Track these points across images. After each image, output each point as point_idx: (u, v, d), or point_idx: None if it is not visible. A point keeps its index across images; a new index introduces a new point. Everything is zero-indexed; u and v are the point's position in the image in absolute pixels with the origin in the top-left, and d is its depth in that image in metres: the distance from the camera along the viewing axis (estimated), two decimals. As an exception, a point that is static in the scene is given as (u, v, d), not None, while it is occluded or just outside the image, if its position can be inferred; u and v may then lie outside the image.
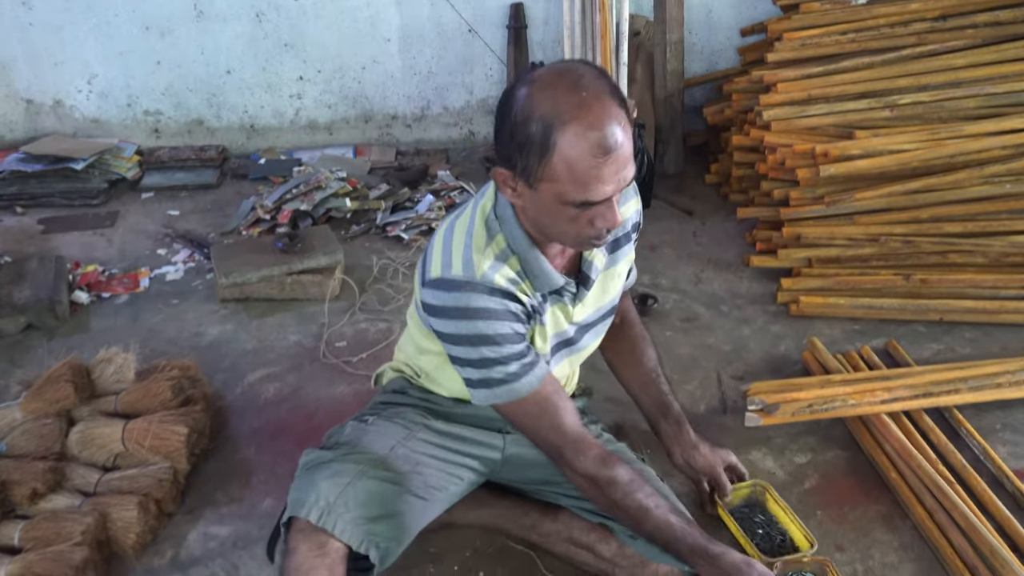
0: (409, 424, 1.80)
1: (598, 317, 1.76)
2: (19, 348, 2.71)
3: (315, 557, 1.50)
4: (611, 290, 1.75)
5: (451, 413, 1.86)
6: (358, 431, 1.76)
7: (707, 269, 3.11)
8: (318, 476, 1.59)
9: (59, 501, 2.01)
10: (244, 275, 2.84)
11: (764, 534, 1.94)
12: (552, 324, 1.68)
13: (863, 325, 2.77)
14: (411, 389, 1.89)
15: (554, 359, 1.73)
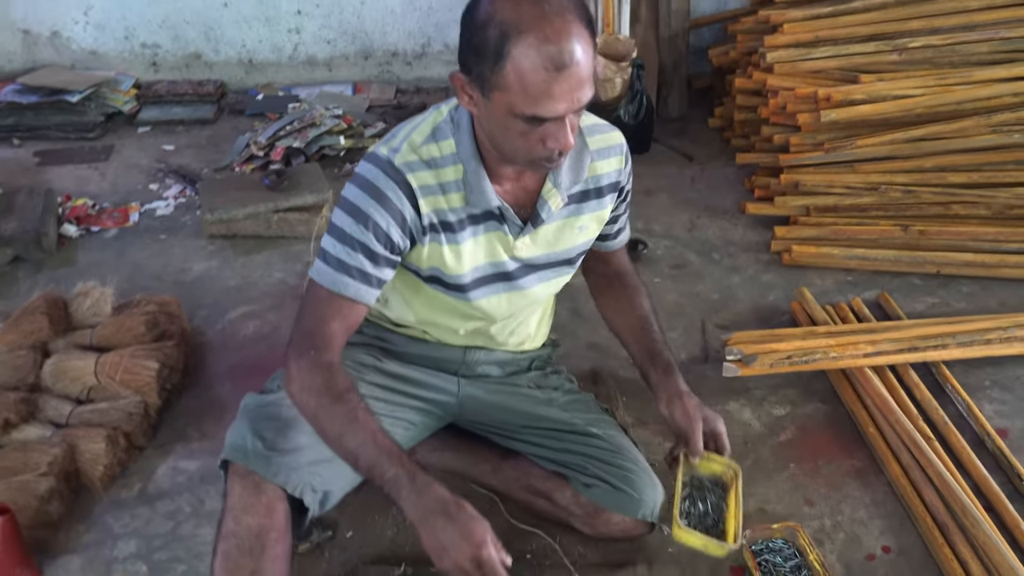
0: (358, 366, 1.77)
1: (547, 263, 1.69)
2: (5, 280, 2.71)
3: (251, 496, 1.48)
4: (567, 240, 1.68)
5: (404, 353, 1.83)
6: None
7: (702, 216, 3.05)
8: (255, 422, 1.56)
9: (31, 432, 2.02)
10: (230, 212, 2.82)
11: (702, 511, 1.76)
12: (484, 252, 1.61)
13: (857, 276, 2.71)
14: (365, 327, 1.87)
15: (484, 291, 1.66)
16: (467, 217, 1.57)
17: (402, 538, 1.86)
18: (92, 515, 1.93)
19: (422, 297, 1.70)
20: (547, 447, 1.81)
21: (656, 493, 1.74)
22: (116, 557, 1.83)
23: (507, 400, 1.86)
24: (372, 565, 1.78)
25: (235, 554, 1.46)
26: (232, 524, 1.48)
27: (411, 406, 1.79)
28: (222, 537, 1.48)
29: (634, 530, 1.77)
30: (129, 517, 1.92)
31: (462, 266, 1.61)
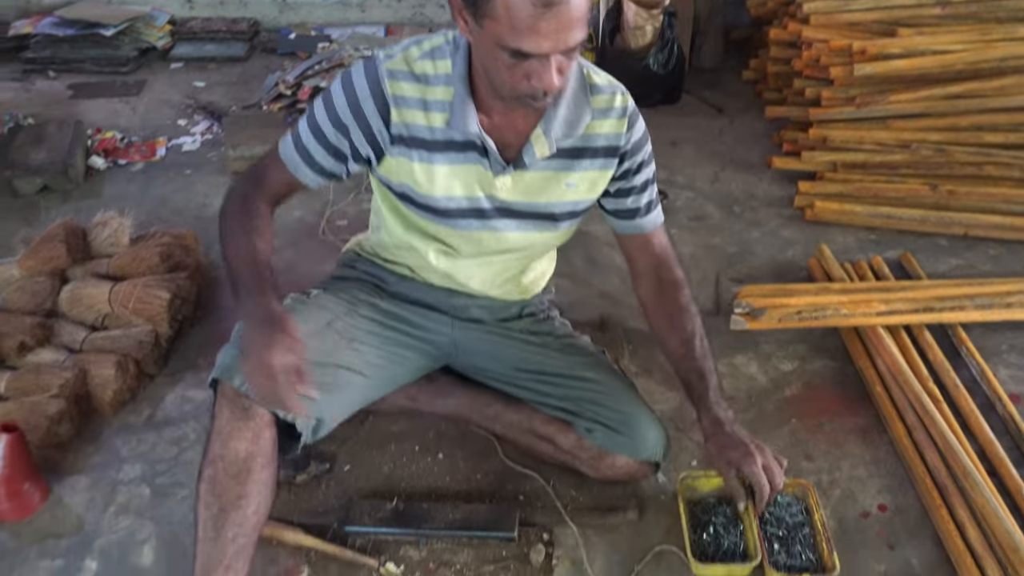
0: (353, 299, 1.79)
1: (527, 212, 1.67)
2: (33, 209, 2.78)
3: (239, 421, 1.50)
4: (552, 194, 1.65)
5: (397, 292, 1.85)
6: (296, 303, 1.76)
7: (727, 168, 3.00)
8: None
9: (46, 356, 2.08)
10: (252, 149, 2.83)
11: (714, 535, 1.74)
12: (462, 183, 1.61)
13: (880, 235, 2.65)
14: (359, 262, 1.89)
15: (457, 222, 1.66)
16: (447, 141, 1.56)
17: (398, 474, 1.89)
18: (101, 438, 1.98)
19: (399, 217, 1.73)
20: (544, 393, 1.82)
21: (657, 433, 1.74)
22: (121, 479, 1.89)
23: (500, 345, 1.87)
24: (366, 499, 1.81)
25: (221, 478, 1.48)
26: (219, 448, 1.49)
27: (405, 343, 1.81)
28: (208, 461, 1.50)
29: (639, 471, 1.78)
30: (136, 441, 1.98)
31: (434, 188, 1.61)
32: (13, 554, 1.73)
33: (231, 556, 1.45)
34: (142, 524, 1.79)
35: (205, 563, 1.45)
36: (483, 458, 1.93)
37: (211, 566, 1.44)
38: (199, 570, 1.45)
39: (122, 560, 1.72)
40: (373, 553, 1.72)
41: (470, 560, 1.72)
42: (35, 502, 1.81)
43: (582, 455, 1.79)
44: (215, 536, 1.46)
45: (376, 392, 1.78)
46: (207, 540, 1.46)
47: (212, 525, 1.46)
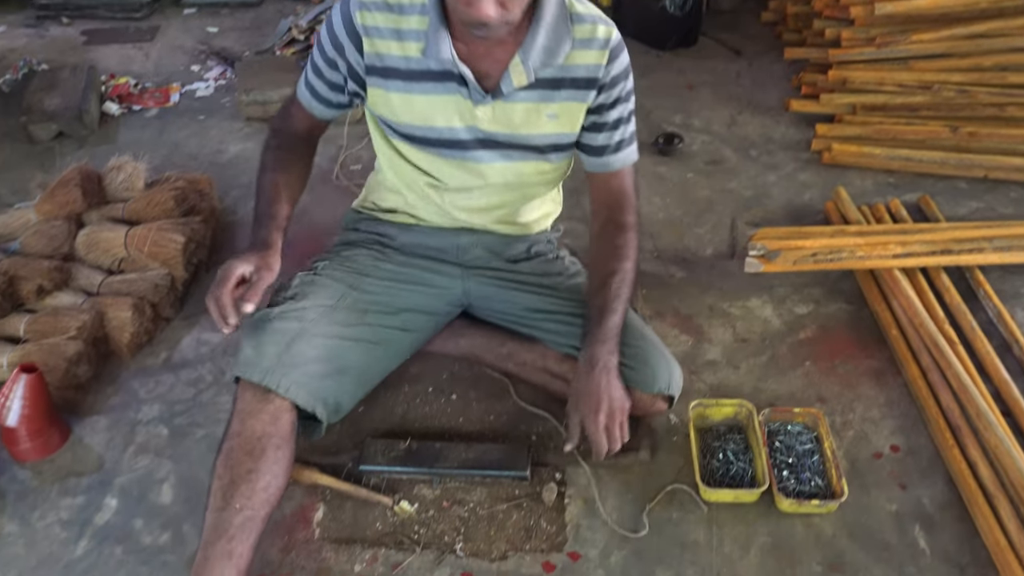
0: (361, 268, 1.82)
1: (510, 143, 1.67)
2: (49, 155, 2.79)
3: (258, 403, 1.55)
4: (534, 126, 1.65)
5: (402, 245, 1.87)
6: (305, 283, 1.77)
7: (744, 112, 2.96)
8: (262, 335, 1.62)
9: (64, 299, 2.10)
10: (265, 93, 2.83)
11: (724, 461, 1.79)
12: (442, 113, 1.62)
13: (898, 178, 2.62)
14: (361, 222, 1.92)
15: (439, 151, 1.69)
16: (424, 71, 1.57)
17: (411, 415, 1.91)
18: (119, 380, 2.01)
19: (392, 150, 1.77)
20: (556, 332, 1.83)
21: (669, 366, 1.74)
22: (140, 420, 1.92)
23: (511, 288, 1.88)
24: (379, 439, 1.83)
25: (237, 453, 1.51)
26: (238, 426, 1.54)
27: (417, 302, 1.84)
28: (227, 437, 1.55)
29: (652, 405, 1.77)
30: (154, 383, 2.00)
31: (414, 118, 1.63)
32: (35, 492, 1.77)
33: (236, 527, 1.47)
34: (160, 463, 1.82)
35: (211, 533, 1.47)
36: (496, 399, 1.94)
37: (216, 535, 1.46)
38: (204, 538, 1.48)
39: (141, 498, 1.75)
40: (387, 492, 1.75)
41: (483, 498, 1.74)
42: (56, 442, 1.84)
43: None
44: (223, 506, 1.48)
45: (393, 362, 1.82)
46: (215, 509, 1.49)
47: (221, 496, 1.49)
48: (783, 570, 1.61)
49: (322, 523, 1.70)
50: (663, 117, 2.91)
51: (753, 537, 1.67)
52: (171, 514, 1.72)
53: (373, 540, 1.67)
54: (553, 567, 1.62)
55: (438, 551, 1.65)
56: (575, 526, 1.69)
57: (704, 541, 1.66)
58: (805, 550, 1.64)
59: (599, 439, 1.62)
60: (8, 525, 1.71)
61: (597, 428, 1.62)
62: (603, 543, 1.66)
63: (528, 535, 1.68)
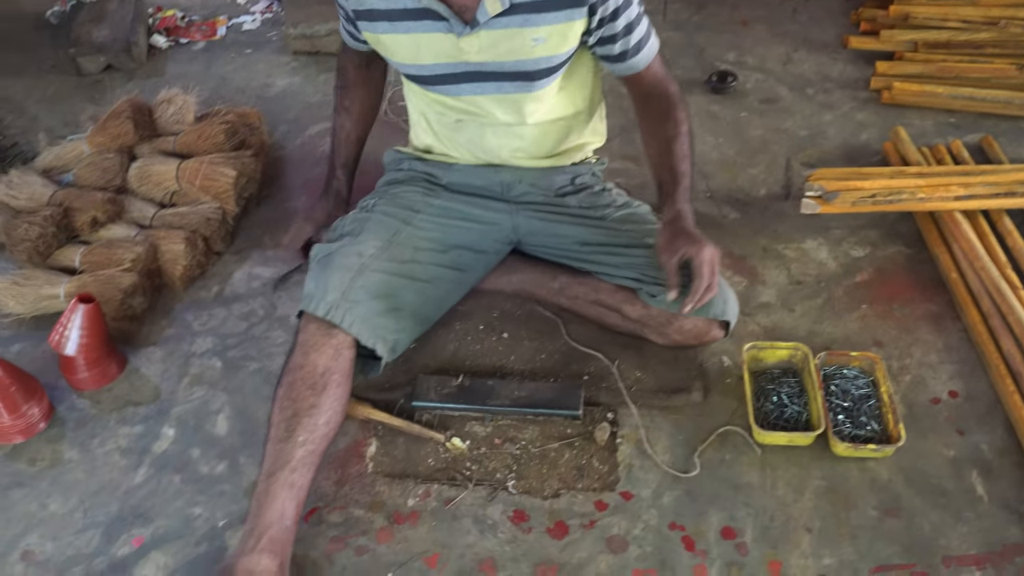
0: (411, 204, 1.83)
1: (499, 72, 1.65)
2: (98, 87, 2.78)
3: (322, 337, 1.58)
4: (520, 52, 1.61)
5: (450, 183, 1.87)
6: (359, 221, 1.79)
7: (800, 49, 2.87)
8: (325, 271, 1.65)
9: (117, 231, 2.11)
10: (312, 27, 2.79)
11: (778, 404, 1.78)
12: (430, 50, 1.63)
13: (960, 118, 2.53)
14: (405, 162, 1.92)
15: (440, 88, 1.71)
16: (403, 10, 1.58)
17: (462, 352, 1.91)
18: (172, 312, 2.03)
19: (408, 89, 1.86)
20: (609, 264, 1.82)
21: (724, 292, 1.74)
22: (194, 352, 1.94)
23: (560, 221, 1.87)
24: (432, 375, 1.83)
25: (299, 386, 1.54)
26: (300, 358, 1.56)
27: (468, 239, 1.84)
28: (288, 369, 1.57)
29: (707, 333, 1.77)
30: (207, 316, 2.02)
31: (404, 56, 1.66)
32: (94, 420, 1.80)
33: (298, 460, 1.49)
34: (215, 395, 1.84)
35: (273, 463, 1.49)
36: (547, 338, 1.94)
37: (278, 466, 1.48)
38: (266, 468, 1.50)
39: (198, 428, 1.78)
40: (439, 428, 1.76)
41: (535, 436, 1.75)
42: (113, 372, 1.87)
43: (650, 322, 1.80)
44: (286, 437, 1.50)
45: (445, 303, 1.84)
46: (277, 440, 1.51)
47: (284, 427, 1.51)
48: (838, 513, 1.60)
49: (375, 458, 1.72)
50: (716, 54, 2.83)
51: (807, 480, 1.66)
52: (227, 445, 1.75)
53: (425, 475, 1.69)
54: (605, 506, 1.63)
55: (490, 487, 1.66)
56: (627, 466, 1.69)
57: (757, 483, 1.66)
58: (860, 494, 1.63)
59: (704, 271, 1.61)
60: (69, 451, 1.75)
61: (702, 261, 1.61)
62: (655, 483, 1.66)
63: (580, 474, 1.69)
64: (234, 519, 1.61)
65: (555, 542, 1.58)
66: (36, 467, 1.72)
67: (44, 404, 1.78)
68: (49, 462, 1.73)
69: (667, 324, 1.77)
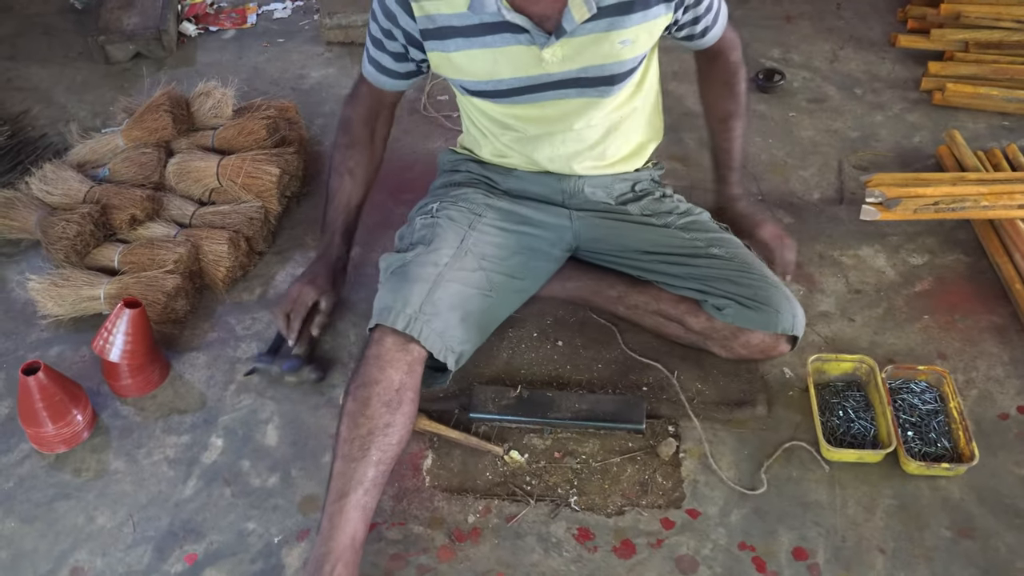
0: (473, 207, 1.77)
1: (578, 78, 1.59)
2: (128, 76, 2.71)
3: (398, 351, 1.52)
4: (605, 55, 1.56)
5: (509, 190, 1.83)
6: (428, 227, 1.73)
7: (846, 46, 2.81)
8: (404, 283, 1.59)
9: (156, 229, 2.05)
10: (349, 17, 2.71)
11: (845, 419, 1.74)
12: (508, 64, 1.56)
13: (1014, 122, 2.48)
14: (462, 164, 1.86)
15: (522, 99, 1.63)
16: (479, 25, 1.51)
17: (517, 361, 1.86)
18: (215, 315, 1.97)
19: (472, 108, 1.76)
20: (672, 274, 1.76)
21: (793, 305, 1.69)
22: (239, 357, 1.88)
23: (621, 229, 1.81)
24: (488, 385, 1.78)
25: (375, 403, 1.48)
26: (376, 373, 1.50)
27: (530, 245, 1.79)
28: (362, 383, 1.50)
29: (774, 348, 1.72)
30: (250, 320, 1.96)
31: (478, 73, 1.58)
32: (140, 428, 1.75)
33: (371, 480, 1.44)
34: (263, 403, 1.79)
35: (345, 483, 1.43)
36: (603, 347, 1.89)
37: (351, 487, 1.43)
38: (337, 488, 1.44)
39: (247, 438, 1.72)
40: (496, 440, 1.70)
41: (596, 450, 1.70)
42: (157, 378, 1.82)
43: (714, 335, 1.75)
44: (360, 456, 1.45)
45: (505, 311, 1.78)
46: (349, 459, 1.45)
47: (358, 446, 1.45)
48: (911, 534, 1.56)
49: (431, 471, 1.67)
50: (760, 51, 2.76)
51: (877, 499, 1.61)
52: (278, 456, 1.69)
53: (484, 490, 1.64)
54: (672, 524, 1.58)
55: (552, 503, 1.61)
56: (691, 482, 1.64)
57: (827, 501, 1.61)
58: (932, 513, 1.59)
59: (776, 244, 1.84)
60: (115, 462, 1.69)
61: (770, 235, 1.85)
62: (722, 500, 1.61)
63: (644, 490, 1.64)
64: (289, 535, 1.56)
65: (622, 562, 1.53)
66: (82, 478, 1.67)
67: (88, 412, 1.72)
68: (95, 473, 1.68)
69: (733, 338, 1.72)
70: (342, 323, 1.94)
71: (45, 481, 1.66)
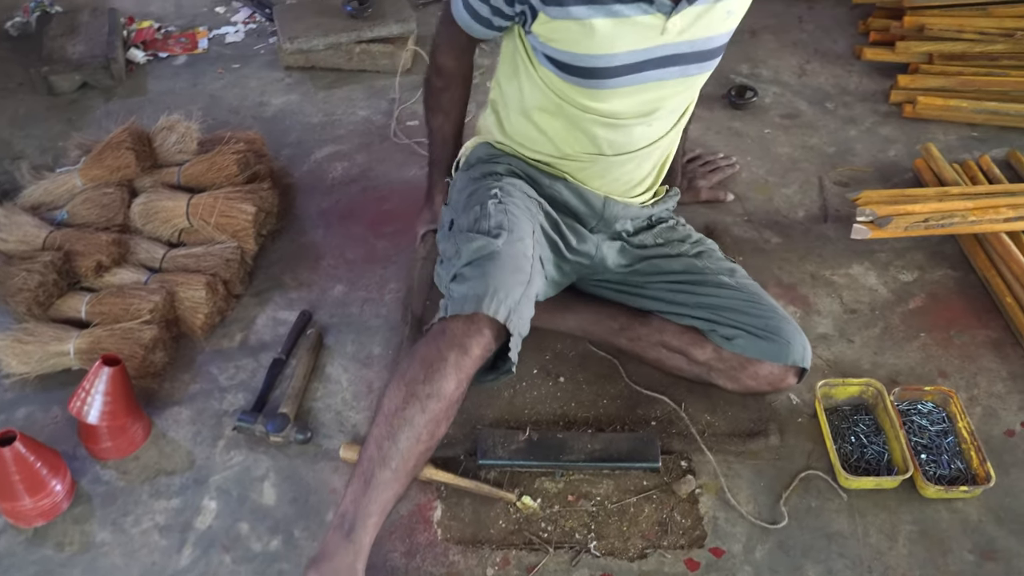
0: (530, 199, 1.66)
1: (690, 51, 1.52)
2: (76, 108, 2.56)
3: (475, 363, 1.42)
4: (714, 26, 1.50)
5: (549, 196, 1.72)
6: (505, 211, 1.58)
7: (812, 60, 2.82)
8: (498, 270, 1.46)
9: (125, 276, 1.92)
10: (310, 41, 2.61)
11: (857, 444, 1.72)
12: (631, 35, 1.45)
13: (983, 132, 2.51)
14: (502, 157, 1.74)
15: (622, 80, 1.51)
16: None
17: (520, 400, 1.79)
18: (195, 365, 1.86)
19: (546, 98, 1.61)
20: (680, 302, 1.71)
21: (803, 338, 1.65)
22: (225, 410, 1.77)
23: (636, 258, 1.76)
24: (495, 428, 1.71)
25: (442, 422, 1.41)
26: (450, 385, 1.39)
27: (562, 255, 1.71)
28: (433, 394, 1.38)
29: (783, 380, 1.67)
30: (234, 368, 1.85)
31: (595, 46, 1.47)
32: (124, 493, 1.63)
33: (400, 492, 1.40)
34: (256, 459, 1.69)
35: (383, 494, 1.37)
36: (607, 381, 1.83)
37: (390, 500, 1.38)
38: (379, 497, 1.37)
39: (243, 499, 1.62)
40: (507, 487, 1.63)
41: (610, 491, 1.64)
42: (139, 437, 1.70)
43: (720, 366, 1.69)
44: (412, 471, 1.40)
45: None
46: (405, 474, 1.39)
47: (413, 464, 1.40)
48: (935, 560, 1.54)
49: (442, 523, 1.59)
50: (729, 66, 2.75)
51: (899, 525, 1.59)
52: (278, 516, 1.59)
53: (499, 540, 1.57)
54: (697, 565, 1.53)
55: (572, 550, 1.55)
56: (711, 519, 1.60)
57: (848, 531, 1.58)
58: (953, 537, 1.57)
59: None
60: (100, 532, 1.57)
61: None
62: (744, 537, 1.57)
63: (664, 530, 1.59)
64: (300, 603, 1.47)
65: (652, 609, 1.47)
66: (65, 552, 1.54)
67: (67, 479, 1.60)
68: (79, 546, 1.55)
69: (740, 369, 1.68)
70: (332, 368, 1.85)
71: (25, 559, 1.53)
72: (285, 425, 1.69)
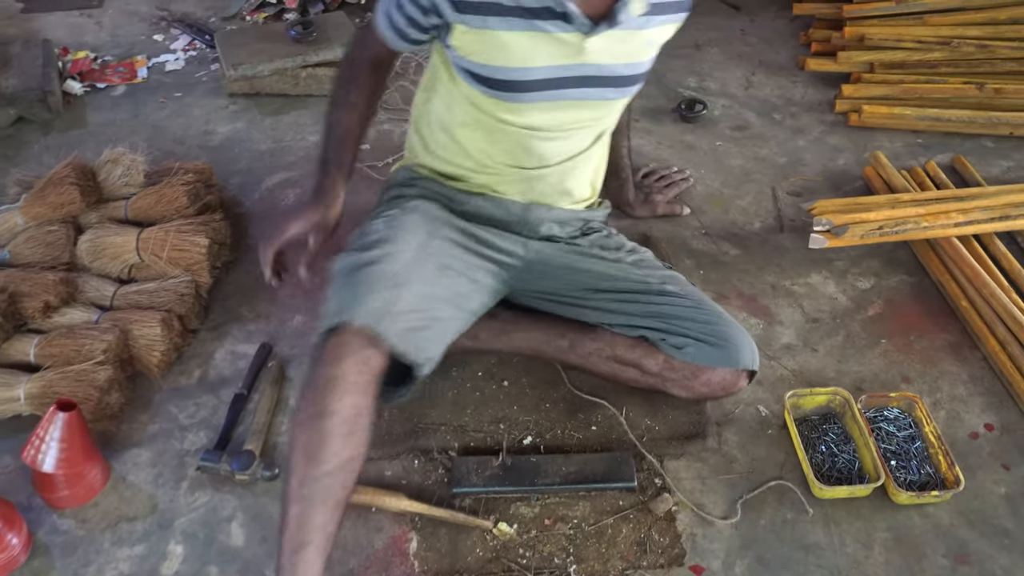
0: (433, 216, 1.64)
1: (609, 75, 1.52)
2: (12, 143, 2.47)
3: (357, 366, 1.35)
4: (635, 53, 1.52)
5: (467, 212, 1.71)
6: (389, 225, 1.57)
7: (758, 72, 2.85)
8: (364, 279, 1.43)
9: (75, 315, 1.85)
10: (255, 67, 2.56)
11: (828, 453, 1.73)
12: (546, 51, 1.46)
13: (927, 138, 2.56)
14: (419, 180, 1.73)
15: (538, 95, 1.52)
16: (516, 7, 1.41)
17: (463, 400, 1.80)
18: (153, 404, 1.80)
19: (468, 105, 1.59)
20: (626, 312, 1.69)
21: (749, 339, 1.65)
22: (187, 450, 1.71)
23: (576, 261, 1.74)
24: (468, 456, 1.68)
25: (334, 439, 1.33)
26: (332, 400, 1.33)
27: (482, 266, 1.68)
28: (316, 414, 1.33)
29: (735, 384, 1.66)
30: (193, 406, 1.79)
31: (508, 59, 1.47)
32: (85, 543, 1.56)
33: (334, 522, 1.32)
34: (222, 499, 1.63)
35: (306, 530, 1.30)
36: (550, 386, 1.83)
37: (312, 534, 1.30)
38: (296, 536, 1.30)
39: (209, 541, 1.56)
40: (483, 514, 1.61)
41: (587, 513, 1.62)
42: (98, 484, 1.64)
43: (673, 376, 1.68)
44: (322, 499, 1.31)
45: (464, 324, 1.63)
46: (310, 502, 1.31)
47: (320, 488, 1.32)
48: (910, 566, 1.55)
49: (419, 555, 1.55)
50: (677, 80, 2.77)
51: (873, 533, 1.60)
52: (248, 557, 1.54)
53: (478, 569, 1.54)
54: (679, 584, 1.52)
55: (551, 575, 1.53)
56: (689, 536, 1.59)
57: (824, 541, 1.58)
58: (927, 542, 1.59)
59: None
60: (61, 586, 1.50)
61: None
62: (723, 552, 1.57)
63: (642, 550, 1.57)
64: (276, 648, 1.41)
65: (636, 632, 1.46)
66: (25, 610, 1.47)
67: (23, 532, 1.52)
68: (40, 601, 1.48)
69: (693, 377, 1.67)
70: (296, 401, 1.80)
71: (-19, 619, 1.46)
72: (251, 462, 1.64)
